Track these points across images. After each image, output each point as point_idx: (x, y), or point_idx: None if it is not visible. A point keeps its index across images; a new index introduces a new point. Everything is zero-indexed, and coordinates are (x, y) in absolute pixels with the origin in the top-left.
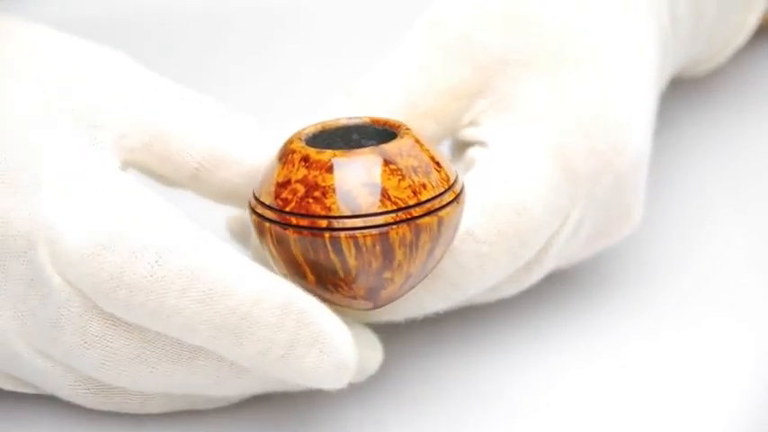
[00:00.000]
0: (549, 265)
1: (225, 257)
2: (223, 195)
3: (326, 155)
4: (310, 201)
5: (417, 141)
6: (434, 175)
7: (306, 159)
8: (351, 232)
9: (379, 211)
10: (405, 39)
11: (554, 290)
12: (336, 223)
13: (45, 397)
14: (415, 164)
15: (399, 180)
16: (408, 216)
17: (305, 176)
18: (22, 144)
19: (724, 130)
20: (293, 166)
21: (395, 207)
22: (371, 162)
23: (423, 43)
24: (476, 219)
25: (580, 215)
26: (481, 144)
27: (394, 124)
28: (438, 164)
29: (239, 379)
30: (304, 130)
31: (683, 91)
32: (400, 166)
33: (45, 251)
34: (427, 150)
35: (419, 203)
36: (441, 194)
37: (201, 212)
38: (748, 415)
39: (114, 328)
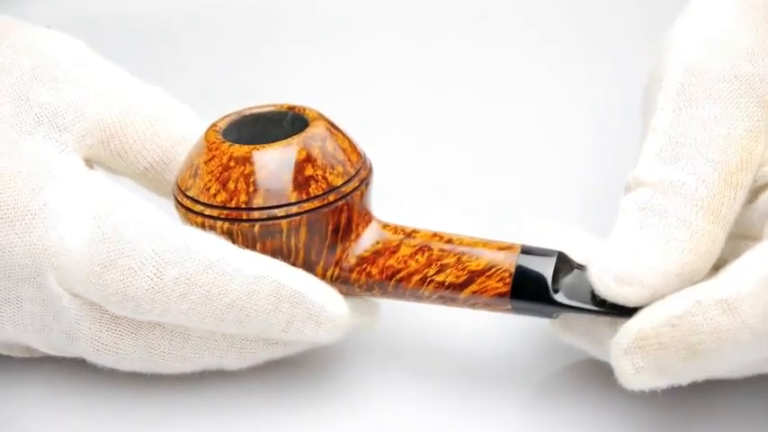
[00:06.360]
0: None
1: (217, 256)
2: (168, 193)
3: (245, 149)
4: (251, 192)
5: (329, 128)
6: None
7: (232, 155)
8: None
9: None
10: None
11: None
12: (257, 214)
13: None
14: (329, 153)
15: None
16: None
17: (242, 171)
18: (10, 173)
19: None
20: (220, 160)
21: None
22: (286, 154)
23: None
24: (744, 288)
25: None
26: None
27: (310, 113)
28: (343, 155)
29: (245, 360)
30: (220, 121)
31: None
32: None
33: (52, 276)
34: (340, 138)
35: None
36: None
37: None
38: None
39: (122, 337)
